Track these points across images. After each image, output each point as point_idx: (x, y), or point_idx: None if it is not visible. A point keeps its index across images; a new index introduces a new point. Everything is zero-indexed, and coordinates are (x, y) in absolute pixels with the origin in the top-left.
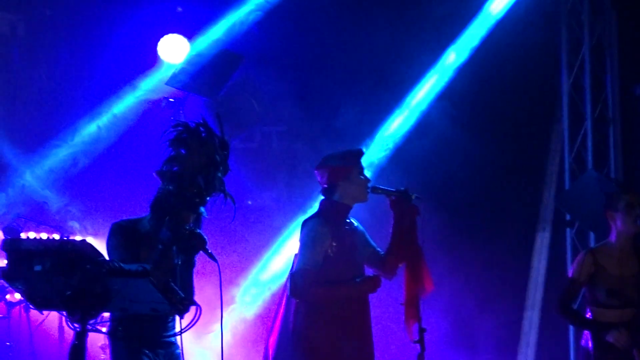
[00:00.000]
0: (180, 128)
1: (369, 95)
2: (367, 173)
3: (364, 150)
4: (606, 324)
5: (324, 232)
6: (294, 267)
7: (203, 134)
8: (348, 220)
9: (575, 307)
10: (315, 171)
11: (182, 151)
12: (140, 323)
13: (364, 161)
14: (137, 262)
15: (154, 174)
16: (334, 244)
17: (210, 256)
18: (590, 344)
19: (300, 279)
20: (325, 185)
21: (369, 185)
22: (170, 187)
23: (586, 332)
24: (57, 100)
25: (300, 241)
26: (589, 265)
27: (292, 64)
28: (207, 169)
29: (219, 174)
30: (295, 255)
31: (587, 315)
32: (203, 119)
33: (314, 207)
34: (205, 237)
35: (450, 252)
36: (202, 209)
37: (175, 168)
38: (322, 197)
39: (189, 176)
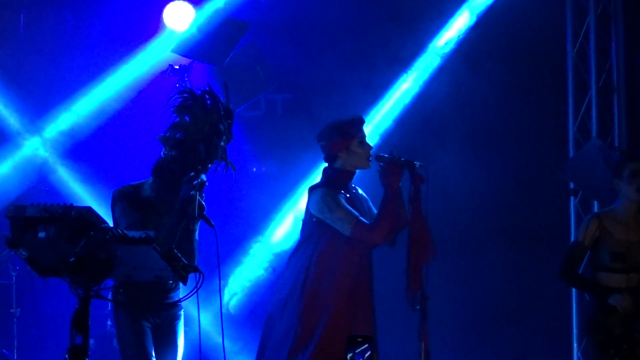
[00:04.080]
0: (185, 95)
1: (375, 63)
2: (371, 141)
3: (364, 118)
4: (610, 288)
5: (336, 194)
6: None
7: (208, 102)
8: (353, 185)
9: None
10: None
11: (187, 118)
12: (142, 288)
13: (367, 128)
14: (144, 226)
15: (157, 138)
16: None
17: (208, 222)
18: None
19: (362, 231)
20: (327, 156)
21: (372, 152)
22: (173, 153)
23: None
24: (63, 65)
25: (322, 211)
26: (594, 229)
27: (298, 32)
28: (210, 138)
29: (222, 143)
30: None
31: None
32: (209, 87)
33: (317, 174)
34: (203, 203)
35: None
36: (204, 177)
37: (178, 135)
38: (326, 165)
39: (191, 144)
